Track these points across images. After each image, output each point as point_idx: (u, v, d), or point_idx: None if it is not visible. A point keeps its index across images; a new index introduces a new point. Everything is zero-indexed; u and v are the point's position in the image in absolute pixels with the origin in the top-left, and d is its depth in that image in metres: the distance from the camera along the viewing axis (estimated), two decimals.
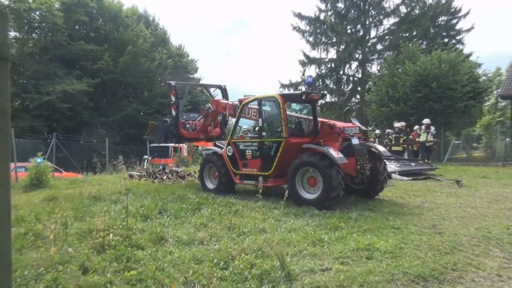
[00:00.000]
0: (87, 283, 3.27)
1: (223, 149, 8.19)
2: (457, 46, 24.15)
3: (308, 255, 4.05)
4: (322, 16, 26.21)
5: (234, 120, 8.42)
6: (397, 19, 25.16)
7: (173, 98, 9.82)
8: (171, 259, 3.96)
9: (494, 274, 3.66)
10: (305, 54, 26.95)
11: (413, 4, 25.00)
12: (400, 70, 19.55)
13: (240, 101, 8.28)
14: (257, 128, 7.64)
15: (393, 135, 14.92)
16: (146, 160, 17.76)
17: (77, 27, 28.08)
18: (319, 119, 7.71)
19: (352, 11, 25.97)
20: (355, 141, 6.75)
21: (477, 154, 21.85)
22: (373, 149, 7.25)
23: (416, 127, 14.86)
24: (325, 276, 3.44)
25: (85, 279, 3.32)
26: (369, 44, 26.52)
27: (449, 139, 21.09)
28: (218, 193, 7.60)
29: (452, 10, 25.08)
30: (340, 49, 26.19)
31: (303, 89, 23.95)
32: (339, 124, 7.27)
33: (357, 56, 26.77)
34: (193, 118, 10.11)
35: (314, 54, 27.18)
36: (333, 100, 27.66)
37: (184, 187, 8.70)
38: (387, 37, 25.85)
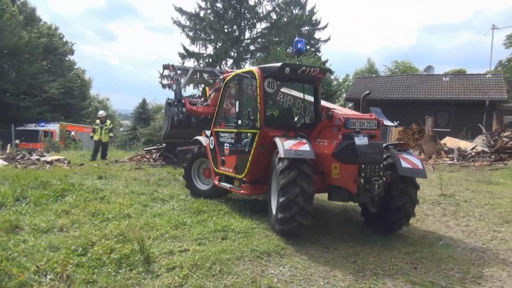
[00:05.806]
0: None
1: (207, 141, 8.18)
2: (317, 53, 38.09)
3: (169, 238, 5.58)
4: (202, 14, 37.08)
5: None
6: (268, 24, 37.82)
7: (171, 74, 11.43)
8: (24, 248, 5.00)
9: (324, 246, 5.58)
10: (184, 48, 37.17)
11: (282, 13, 38.56)
12: None
13: (224, 77, 8.23)
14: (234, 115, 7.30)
15: None
16: (9, 144, 21.86)
17: None
18: (323, 104, 7.24)
19: (230, 12, 37.53)
20: (361, 140, 5.74)
21: None
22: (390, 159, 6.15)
23: None
24: (182, 257, 4.84)
25: None
26: (244, 44, 38.14)
27: None
28: (214, 198, 7.80)
29: (313, 22, 39.71)
30: (218, 46, 37.12)
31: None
32: (342, 113, 6.31)
33: (232, 54, 38.15)
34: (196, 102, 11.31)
35: (193, 48, 37.50)
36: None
37: (50, 173, 10.13)
38: (259, 39, 37.99)
